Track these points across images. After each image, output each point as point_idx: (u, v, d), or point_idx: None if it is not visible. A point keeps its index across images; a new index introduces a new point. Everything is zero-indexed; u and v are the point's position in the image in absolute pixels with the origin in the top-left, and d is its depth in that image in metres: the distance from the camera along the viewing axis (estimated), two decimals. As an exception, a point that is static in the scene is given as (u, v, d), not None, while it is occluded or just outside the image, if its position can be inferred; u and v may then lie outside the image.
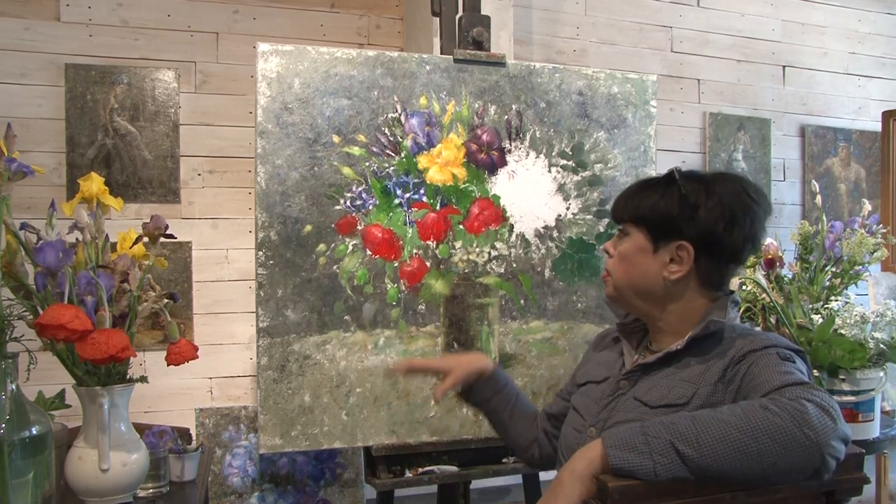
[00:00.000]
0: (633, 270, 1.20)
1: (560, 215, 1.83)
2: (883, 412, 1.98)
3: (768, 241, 1.86)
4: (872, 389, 1.78)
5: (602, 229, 1.87)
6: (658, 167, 1.93)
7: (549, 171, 1.82)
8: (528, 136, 1.80)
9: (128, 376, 1.33)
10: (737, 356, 1.10)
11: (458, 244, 1.75)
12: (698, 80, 3.28)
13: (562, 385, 1.50)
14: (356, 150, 1.67)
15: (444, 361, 1.48)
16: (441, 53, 1.83)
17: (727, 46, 3.33)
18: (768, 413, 0.93)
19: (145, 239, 1.40)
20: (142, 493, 1.48)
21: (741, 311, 1.90)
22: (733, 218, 1.15)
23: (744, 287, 1.87)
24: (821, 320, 1.78)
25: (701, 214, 1.14)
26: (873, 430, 1.84)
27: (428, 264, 1.73)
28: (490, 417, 1.47)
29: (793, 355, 1.08)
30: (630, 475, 0.94)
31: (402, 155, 1.71)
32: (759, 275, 1.89)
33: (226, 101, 2.62)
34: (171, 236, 1.43)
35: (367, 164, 1.68)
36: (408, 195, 1.70)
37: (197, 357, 1.37)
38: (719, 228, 1.14)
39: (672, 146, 3.20)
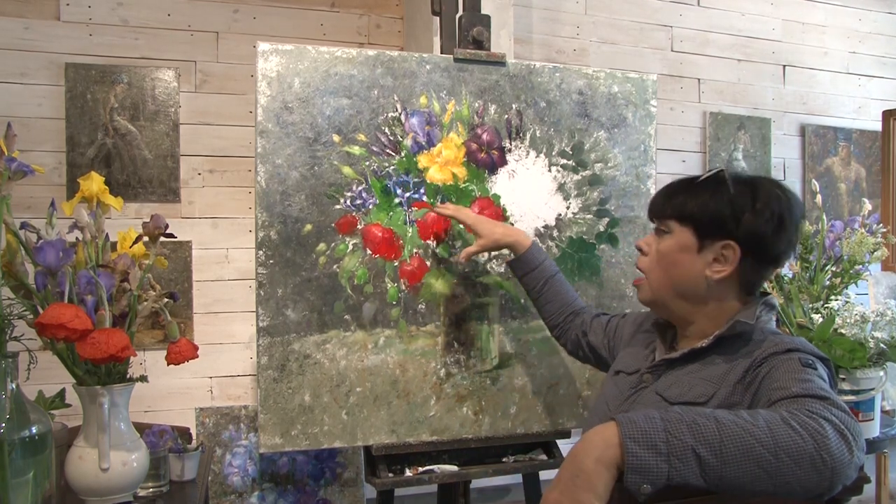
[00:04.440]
0: (673, 269, 1.20)
1: (560, 215, 1.83)
2: (883, 412, 1.98)
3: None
4: (872, 389, 1.79)
5: (602, 229, 1.87)
6: (658, 167, 1.94)
7: (550, 171, 1.82)
8: (528, 136, 1.80)
9: (128, 376, 1.33)
10: (759, 359, 1.09)
11: (458, 243, 1.75)
12: (698, 79, 3.28)
13: (610, 319, 1.54)
14: (356, 150, 1.67)
15: (478, 224, 1.60)
16: (441, 53, 1.83)
17: (727, 46, 3.33)
18: (791, 431, 0.90)
19: (145, 238, 1.40)
20: (142, 493, 1.48)
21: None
22: (781, 223, 1.17)
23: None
24: (821, 320, 1.78)
25: (751, 217, 1.16)
26: (873, 429, 1.84)
27: (428, 264, 1.73)
28: (527, 292, 1.66)
29: (815, 362, 1.06)
30: (641, 474, 0.87)
31: (402, 154, 1.71)
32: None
33: (226, 101, 2.62)
34: (171, 236, 1.43)
35: (367, 163, 1.68)
36: (408, 194, 1.70)
37: (197, 356, 1.37)
38: (769, 232, 1.16)
39: (672, 145, 3.20)
